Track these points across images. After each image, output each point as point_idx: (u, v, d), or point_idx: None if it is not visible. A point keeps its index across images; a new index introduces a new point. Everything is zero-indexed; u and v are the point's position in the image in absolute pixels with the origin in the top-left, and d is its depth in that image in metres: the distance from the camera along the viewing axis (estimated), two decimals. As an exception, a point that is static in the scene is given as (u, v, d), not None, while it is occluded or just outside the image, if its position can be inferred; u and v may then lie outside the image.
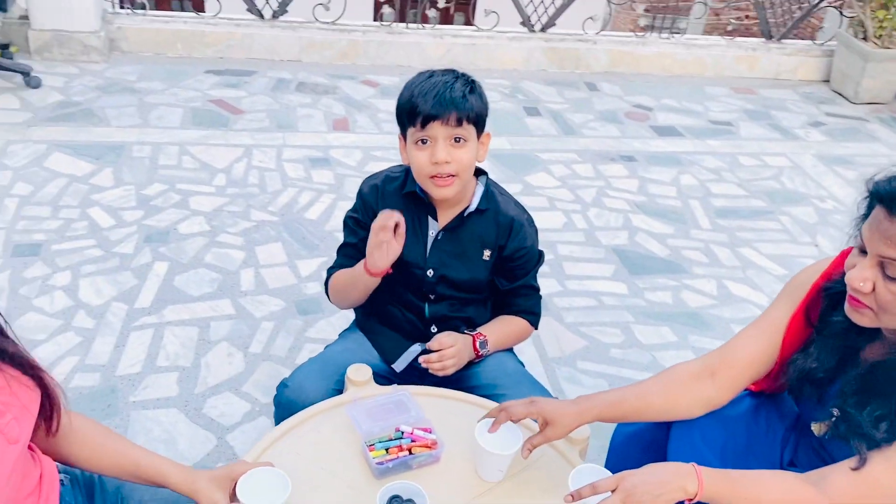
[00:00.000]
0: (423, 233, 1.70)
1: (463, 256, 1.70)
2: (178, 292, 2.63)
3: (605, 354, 2.59)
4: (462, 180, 1.60)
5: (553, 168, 3.77)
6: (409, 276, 1.70)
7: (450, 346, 1.63)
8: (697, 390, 1.45)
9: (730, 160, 4.05)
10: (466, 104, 1.56)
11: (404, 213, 1.63)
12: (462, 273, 1.71)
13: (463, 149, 1.58)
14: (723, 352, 1.47)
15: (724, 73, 5.18)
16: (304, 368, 1.67)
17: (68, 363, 2.30)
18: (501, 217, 1.71)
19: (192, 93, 4.06)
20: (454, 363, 1.63)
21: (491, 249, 1.71)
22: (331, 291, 1.78)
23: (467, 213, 1.68)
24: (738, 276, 3.10)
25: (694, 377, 1.45)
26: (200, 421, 2.16)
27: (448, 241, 1.69)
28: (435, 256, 1.69)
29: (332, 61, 4.63)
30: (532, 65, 4.90)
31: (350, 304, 1.79)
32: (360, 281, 1.65)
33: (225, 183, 3.30)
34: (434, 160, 1.55)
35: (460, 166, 1.58)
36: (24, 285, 2.58)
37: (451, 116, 1.55)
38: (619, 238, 3.25)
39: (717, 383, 1.45)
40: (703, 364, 1.46)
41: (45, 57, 4.19)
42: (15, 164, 3.23)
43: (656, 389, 1.46)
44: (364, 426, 1.47)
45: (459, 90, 1.56)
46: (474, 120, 1.58)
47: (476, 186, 1.72)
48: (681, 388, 1.45)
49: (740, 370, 1.44)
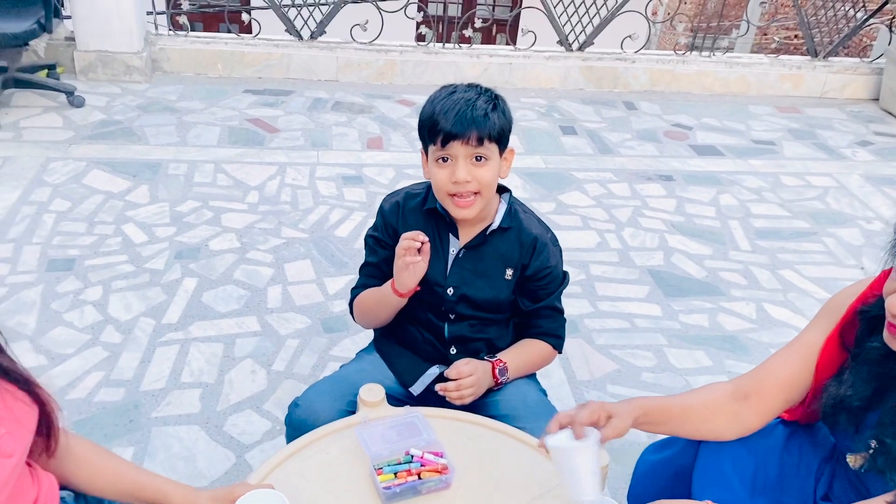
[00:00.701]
0: (443, 250, 1.66)
1: (484, 275, 1.66)
2: (206, 308, 2.64)
3: (636, 378, 2.51)
4: (484, 199, 1.57)
5: (588, 187, 3.71)
6: (429, 294, 1.66)
7: (468, 374, 1.58)
8: (732, 412, 1.39)
9: (772, 180, 3.94)
10: (488, 122, 1.52)
11: (425, 230, 1.61)
12: (484, 292, 1.66)
13: (484, 167, 1.54)
14: (755, 374, 1.40)
15: (767, 91, 5.06)
16: (316, 388, 1.64)
17: (94, 378, 2.31)
18: (525, 235, 1.67)
19: (230, 112, 4.11)
20: (472, 392, 1.58)
21: (513, 268, 1.67)
22: (356, 312, 1.76)
23: (490, 231, 1.64)
24: (778, 299, 2.99)
25: (728, 398, 1.39)
26: (220, 439, 2.15)
27: (469, 260, 1.65)
28: (456, 274, 1.65)
29: (368, 80, 4.66)
30: (569, 84, 4.86)
31: (377, 323, 1.76)
32: (387, 301, 1.64)
33: (257, 200, 3.31)
34: (454, 179, 1.52)
35: (481, 185, 1.54)
36: (55, 300, 2.61)
37: (472, 136, 1.51)
38: (654, 259, 3.17)
39: (751, 407, 1.38)
40: (737, 385, 1.40)
41: (89, 77, 4.29)
42: (55, 181, 3.30)
43: (697, 403, 1.40)
44: (373, 448, 1.43)
45: (481, 108, 1.52)
46: (496, 138, 1.54)
47: (499, 204, 1.68)
48: (719, 407, 1.39)
49: (773, 394, 1.37)
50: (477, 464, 1.45)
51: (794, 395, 1.41)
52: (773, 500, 1.41)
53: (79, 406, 2.21)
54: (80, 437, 1.32)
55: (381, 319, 1.72)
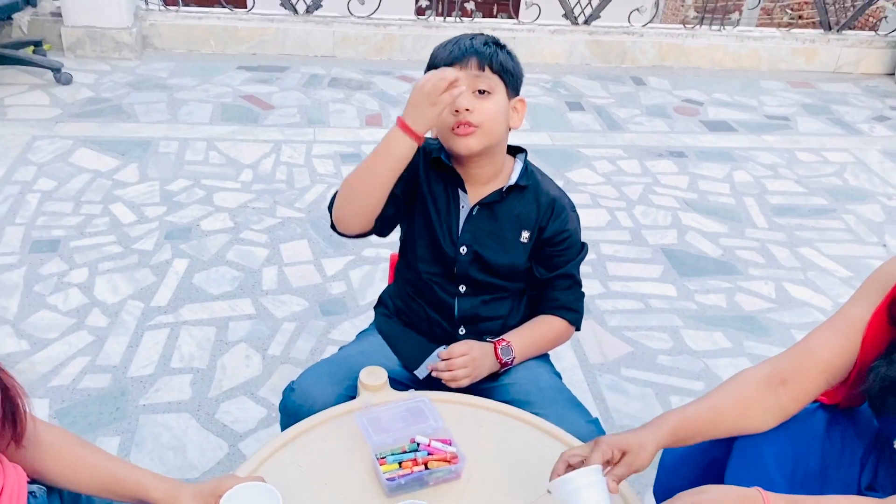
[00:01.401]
0: (455, 205, 1.52)
1: (499, 237, 1.52)
2: (198, 291, 2.50)
3: (651, 361, 2.38)
4: (487, 135, 1.42)
5: (596, 164, 3.57)
6: (438, 254, 1.53)
7: (461, 354, 1.44)
8: (769, 400, 1.24)
9: (787, 156, 3.79)
10: (489, 51, 1.41)
11: (434, 183, 1.51)
12: (498, 255, 1.52)
13: (487, 100, 1.41)
14: (794, 355, 1.26)
15: (779, 66, 4.90)
16: (313, 371, 1.50)
17: (78, 364, 2.18)
18: (542, 196, 1.53)
19: (223, 88, 3.95)
20: (466, 373, 1.44)
21: (530, 231, 1.53)
22: (341, 188, 1.45)
23: (506, 189, 1.50)
24: (798, 277, 2.85)
25: (763, 385, 1.25)
26: (212, 427, 2.02)
27: (484, 218, 1.52)
28: (468, 233, 1.51)
29: (366, 56, 4.50)
30: (575, 59, 4.70)
31: (363, 197, 1.42)
32: (387, 150, 1.37)
33: (251, 179, 3.17)
34: (455, 108, 1.38)
35: (484, 117, 1.40)
36: (39, 282, 2.48)
37: (472, 61, 1.40)
38: (667, 237, 3.03)
39: (790, 392, 1.24)
40: (772, 369, 1.26)
41: (77, 54, 4.13)
42: (40, 160, 3.15)
43: (728, 400, 1.25)
44: (375, 436, 1.29)
45: (481, 40, 1.44)
46: (499, 70, 1.42)
47: (514, 163, 1.54)
48: (753, 399, 1.24)
49: (814, 376, 1.23)
50: (489, 452, 1.32)
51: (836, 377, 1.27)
52: (816, 492, 1.28)
53: (62, 393, 2.08)
54: (52, 425, 1.20)
55: (368, 187, 1.40)
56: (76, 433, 1.93)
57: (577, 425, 1.43)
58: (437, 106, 1.33)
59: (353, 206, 1.44)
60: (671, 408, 2.19)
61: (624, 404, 2.20)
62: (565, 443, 1.35)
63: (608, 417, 2.15)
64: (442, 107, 1.33)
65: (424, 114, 1.34)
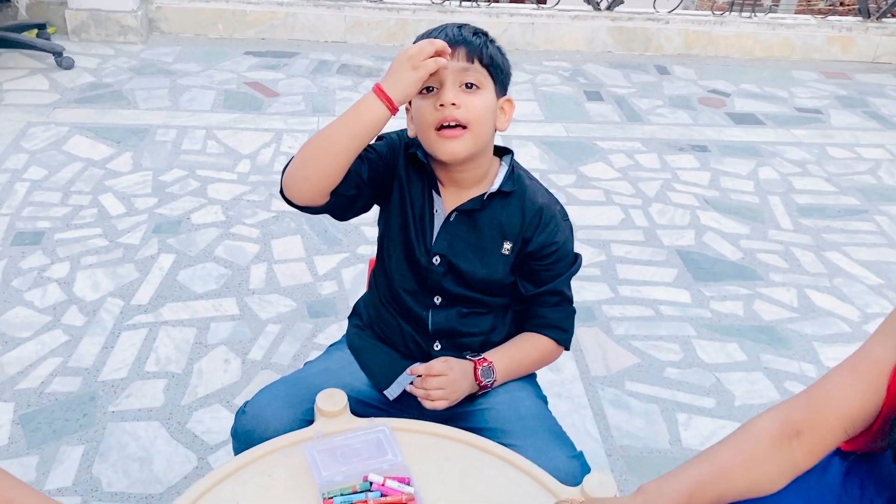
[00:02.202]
0: (429, 209, 1.37)
1: (478, 248, 1.37)
2: (181, 288, 2.39)
3: (659, 374, 2.21)
4: (474, 136, 1.26)
5: (613, 158, 3.38)
6: (410, 262, 1.38)
7: (439, 373, 1.30)
8: (782, 457, 1.06)
9: (817, 151, 3.57)
10: (478, 41, 1.27)
11: (412, 182, 1.37)
12: (476, 267, 1.37)
13: (476, 95, 1.26)
14: (808, 403, 1.08)
15: (813, 55, 4.65)
16: (269, 391, 1.36)
17: (49, 365, 2.07)
18: (528, 203, 1.37)
19: (228, 74, 3.83)
20: (443, 395, 1.30)
21: (512, 242, 1.37)
22: (299, 152, 1.26)
23: (487, 196, 1.35)
24: (823, 284, 2.65)
25: (776, 440, 1.06)
26: (182, 438, 1.90)
27: (462, 226, 1.36)
28: (444, 241, 1.36)
29: (378, 42, 4.35)
30: (596, 46, 4.50)
31: (316, 162, 1.23)
32: (358, 116, 1.21)
33: (249, 170, 3.04)
34: (440, 102, 1.23)
35: (472, 114, 1.25)
36: (17, 276, 2.38)
37: (460, 51, 1.24)
38: (684, 238, 2.85)
39: (804, 445, 1.06)
40: (785, 420, 1.07)
41: (82, 38, 4.04)
42: (32, 147, 3.06)
43: (736, 463, 1.07)
44: (324, 472, 1.16)
45: (470, 30, 1.29)
46: (488, 63, 1.27)
47: (499, 167, 1.39)
48: (763, 458, 1.06)
49: (832, 428, 1.05)
50: (452, 491, 1.17)
51: (856, 427, 1.09)
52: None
53: (28, 397, 1.97)
54: None
55: (327, 153, 1.22)
56: (40, 440, 1.84)
57: (558, 461, 1.28)
58: (419, 70, 1.18)
59: (304, 170, 1.25)
60: (676, 426, 2.04)
61: (626, 422, 2.04)
62: (541, 482, 1.20)
63: (608, 436, 2.00)
64: (425, 72, 1.19)
65: (404, 78, 1.19)
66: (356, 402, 1.40)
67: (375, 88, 1.21)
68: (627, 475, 1.89)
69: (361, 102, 1.22)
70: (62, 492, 1.73)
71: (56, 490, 1.73)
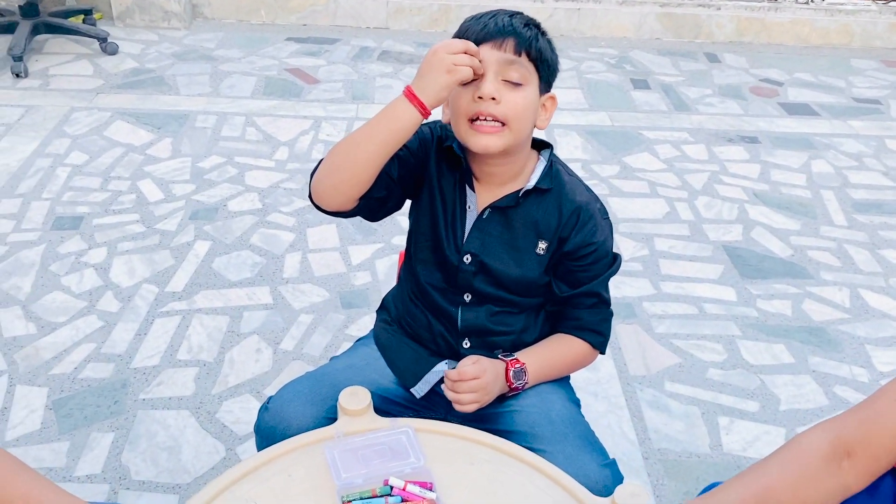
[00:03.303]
0: (460, 205, 1.32)
1: (512, 246, 1.31)
2: (216, 276, 2.38)
3: (701, 375, 2.13)
4: (512, 133, 1.20)
5: (659, 148, 3.28)
6: (440, 259, 1.33)
7: (472, 376, 1.24)
8: (832, 478, 0.98)
9: (875, 144, 3.42)
10: (529, 34, 1.19)
11: (444, 177, 1.30)
12: (509, 267, 1.31)
13: (519, 91, 1.19)
14: (861, 421, 1.00)
15: (874, 43, 4.45)
16: (292, 388, 1.33)
17: (83, 351, 2.08)
18: (566, 201, 1.30)
19: (269, 61, 3.82)
20: (475, 398, 1.25)
21: (548, 241, 1.31)
22: (326, 155, 1.25)
23: (523, 192, 1.29)
24: (878, 284, 2.53)
25: (825, 460, 0.98)
26: (211, 428, 1.89)
27: (496, 224, 1.30)
28: (476, 239, 1.31)
29: (420, 28, 4.29)
30: (644, 33, 4.37)
31: (345, 170, 1.19)
32: (386, 117, 1.16)
33: (286, 157, 3.02)
34: (479, 93, 1.17)
35: (512, 111, 1.18)
36: (56, 261, 2.40)
37: (508, 42, 1.17)
38: (731, 233, 2.74)
39: (856, 466, 0.98)
40: (836, 439, 0.99)
41: (126, 23, 4.07)
42: (75, 132, 3.08)
43: (784, 484, 0.99)
44: (343, 474, 1.12)
45: (522, 20, 1.22)
46: (537, 59, 1.20)
47: (537, 161, 1.32)
48: (812, 479, 0.98)
49: (886, 448, 0.97)
50: (478, 499, 1.12)
51: None
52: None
53: (62, 382, 1.98)
54: None
55: (357, 160, 1.17)
56: (71, 426, 1.84)
57: (589, 469, 1.22)
58: (452, 74, 1.13)
59: (332, 177, 1.21)
60: (717, 430, 1.96)
61: (665, 424, 1.97)
62: (570, 491, 1.14)
63: (646, 439, 1.93)
64: (459, 76, 1.13)
65: (437, 81, 1.13)
66: (382, 399, 1.36)
67: (406, 92, 1.15)
68: (665, 480, 1.82)
69: (392, 106, 1.17)
70: (91, 479, 1.73)
71: (85, 477, 1.74)
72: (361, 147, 1.18)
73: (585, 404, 1.41)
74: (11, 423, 1.87)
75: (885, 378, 2.16)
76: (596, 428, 1.33)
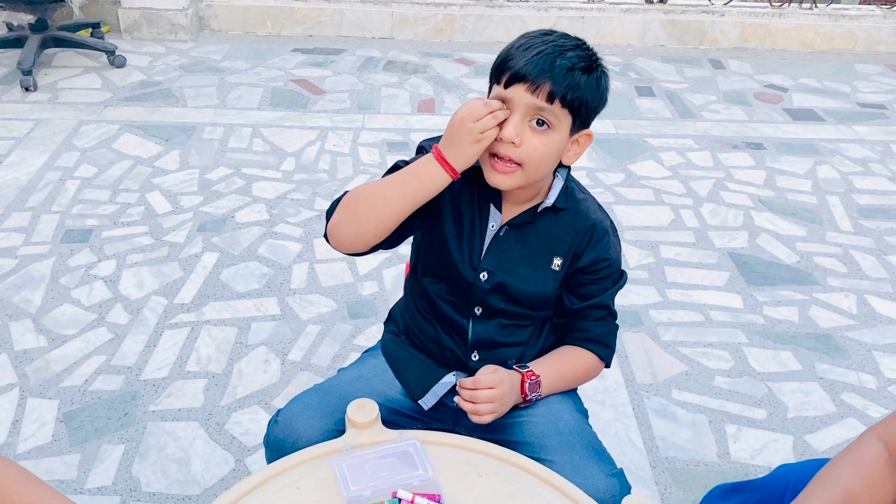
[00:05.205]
0: (480, 223, 1.32)
1: (529, 262, 1.32)
2: (223, 287, 2.39)
3: (707, 383, 2.13)
4: (525, 176, 1.19)
5: (663, 156, 3.29)
6: (454, 277, 1.33)
7: (488, 386, 1.25)
8: (892, 481, 1.00)
9: (881, 149, 3.42)
10: (570, 79, 1.13)
11: (460, 193, 1.28)
12: (526, 283, 1.31)
13: (542, 136, 1.16)
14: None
15: (878, 48, 4.46)
16: (300, 400, 1.34)
17: (93, 363, 2.10)
18: (581, 220, 1.31)
19: (275, 72, 3.84)
20: (492, 409, 1.25)
21: (563, 258, 1.32)
22: (346, 201, 1.22)
23: (541, 209, 1.30)
24: (884, 290, 2.53)
25: (885, 464, 0.98)
26: (221, 439, 1.90)
27: (512, 241, 1.31)
28: (493, 256, 1.31)
29: (425, 38, 4.31)
30: (648, 40, 4.39)
31: (370, 222, 1.20)
32: (416, 177, 1.17)
33: (293, 168, 3.04)
34: (499, 135, 1.15)
35: (529, 157, 1.16)
36: (66, 274, 2.42)
37: (544, 86, 1.13)
38: (736, 240, 2.75)
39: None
40: (887, 443, 1.00)
41: (134, 36, 4.10)
42: (84, 145, 3.11)
43: (860, 487, 1.00)
44: (352, 486, 1.13)
45: (571, 60, 1.14)
46: (573, 105, 1.15)
47: (554, 180, 1.32)
48: (882, 482, 0.99)
49: None
50: (486, 512, 1.13)
51: None
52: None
53: (73, 395, 2.00)
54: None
55: (383, 214, 1.19)
56: (82, 438, 1.86)
57: (596, 479, 1.23)
58: (480, 143, 1.13)
59: (357, 227, 1.21)
60: (725, 438, 1.96)
61: (672, 432, 1.97)
62: (578, 502, 1.15)
63: (653, 447, 1.93)
64: (487, 143, 1.14)
65: (465, 151, 1.14)
66: (389, 410, 1.37)
67: (436, 155, 1.15)
68: (672, 488, 1.82)
69: (423, 167, 1.16)
70: (102, 491, 1.75)
71: (96, 489, 1.75)
72: (389, 202, 1.18)
73: (593, 413, 1.42)
74: (23, 435, 1.88)
75: (893, 385, 2.16)
76: (603, 437, 1.34)
